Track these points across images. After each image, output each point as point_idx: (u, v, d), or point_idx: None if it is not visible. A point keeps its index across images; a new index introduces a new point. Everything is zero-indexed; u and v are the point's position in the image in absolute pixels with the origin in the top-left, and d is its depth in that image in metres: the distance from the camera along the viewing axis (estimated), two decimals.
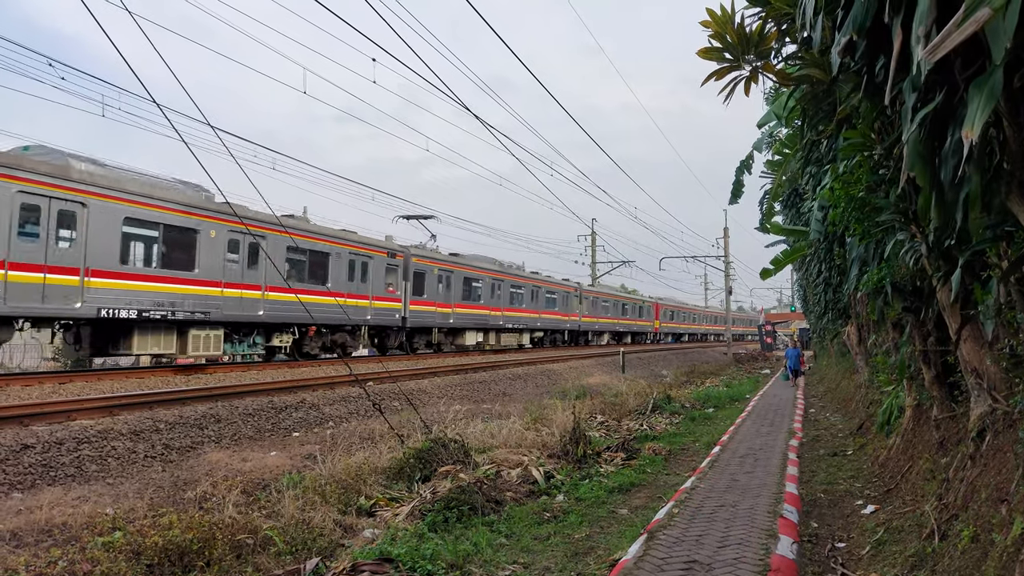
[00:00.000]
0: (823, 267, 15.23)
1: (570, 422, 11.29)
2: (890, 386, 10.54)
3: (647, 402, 17.20)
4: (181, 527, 6.27)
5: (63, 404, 11.55)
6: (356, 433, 12.60)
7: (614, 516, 7.75)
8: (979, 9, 2.40)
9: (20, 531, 6.73)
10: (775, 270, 10.45)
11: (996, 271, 4.71)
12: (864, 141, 5.86)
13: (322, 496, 7.89)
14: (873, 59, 3.99)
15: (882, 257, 7.18)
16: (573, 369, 28.73)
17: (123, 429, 10.72)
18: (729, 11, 5.90)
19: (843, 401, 18.16)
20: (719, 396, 20.98)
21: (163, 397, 13.13)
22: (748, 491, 8.15)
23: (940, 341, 7.71)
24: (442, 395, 18.21)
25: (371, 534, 7.01)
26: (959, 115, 3.02)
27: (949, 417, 7.33)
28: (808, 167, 11.07)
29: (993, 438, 5.27)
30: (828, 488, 8.92)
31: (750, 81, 6.34)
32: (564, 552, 6.42)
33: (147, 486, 8.70)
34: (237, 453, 10.80)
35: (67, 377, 15.54)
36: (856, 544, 6.49)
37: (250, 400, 13.95)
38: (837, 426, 14.51)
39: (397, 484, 8.73)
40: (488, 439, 11.50)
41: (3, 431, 9.58)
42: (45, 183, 14.62)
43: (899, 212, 5.88)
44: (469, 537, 6.63)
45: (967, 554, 4.55)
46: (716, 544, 6.04)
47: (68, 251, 15.19)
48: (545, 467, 9.68)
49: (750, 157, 17.86)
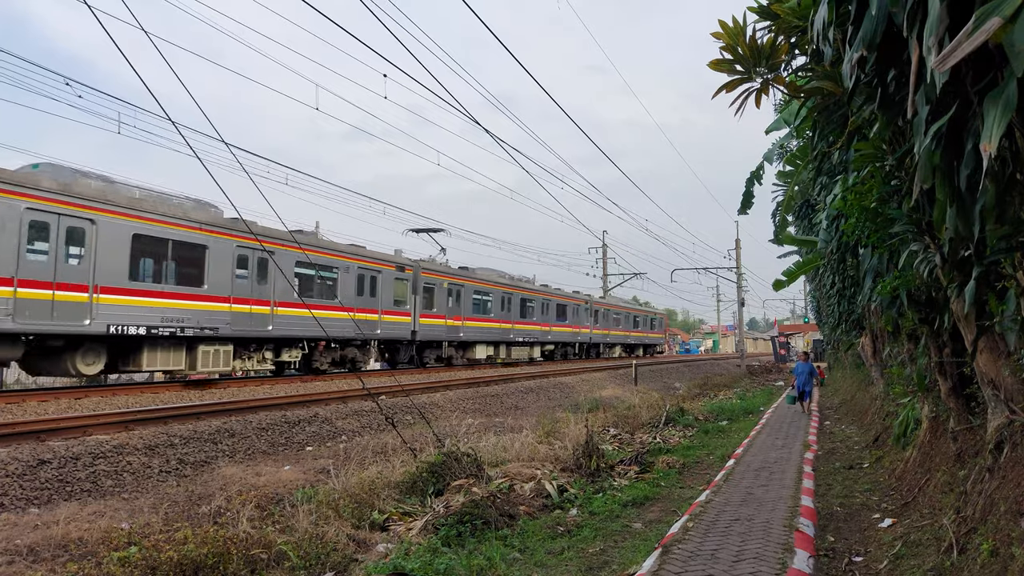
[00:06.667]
0: (836, 278, 15.17)
1: (583, 435, 11.25)
2: (906, 398, 10.45)
3: (660, 415, 17.11)
4: (196, 542, 6.29)
5: (79, 419, 11.64)
6: (369, 447, 12.61)
7: (628, 530, 7.71)
8: (990, 19, 2.41)
9: (37, 546, 6.78)
10: (788, 281, 10.43)
11: (1011, 282, 4.68)
12: (876, 152, 5.86)
13: (336, 510, 7.90)
14: (885, 72, 4.00)
15: (896, 268, 7.15)
16: (585, 382, 28.65)
17: (138, 444, 10.78)
18: (740, 24, 5.92)
19: (858, 413, 17.99)
20: (733, 408, 20.82)
21: (177, 412, 13.20)
22: (764, 504, 8.09)
23: (956, 352, 7.64)
24: (454, 409, 18.20)
25: (385, 548, 7.01)
26: (971, 127, 3.02)
27: (966, 429, 7.25)
28: (819, 178, 11.06)
29: (1011, 450, 5.21)
30: (844, 501, 8.84)
31: (760, 93, 6.36)
32: (578, 567, 6.39)
33: (162, 501, 8.74)
34: (251, 467, 10.83)
35: (83, 392, 15.67)
36: (873, 558, 6.42)
37: (263, 414, 14.00)
38: (853, 438, 14.38)
39: (410, 498, 8.72)
40: (501, 453, 11.48)
41: (20, 446, 9.67)
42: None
43: (912, 223, 5.86)
44: (483, 552, 6.60)
45: (986, 568, 4.50)
46: (732, 559, 5.99)
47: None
48: (558, 481, 9.64)
49: (760, 168, 17.82)
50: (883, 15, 3.46)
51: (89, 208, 15.47)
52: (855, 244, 8.91)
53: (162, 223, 17.19)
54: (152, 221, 16.94)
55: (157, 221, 17.06)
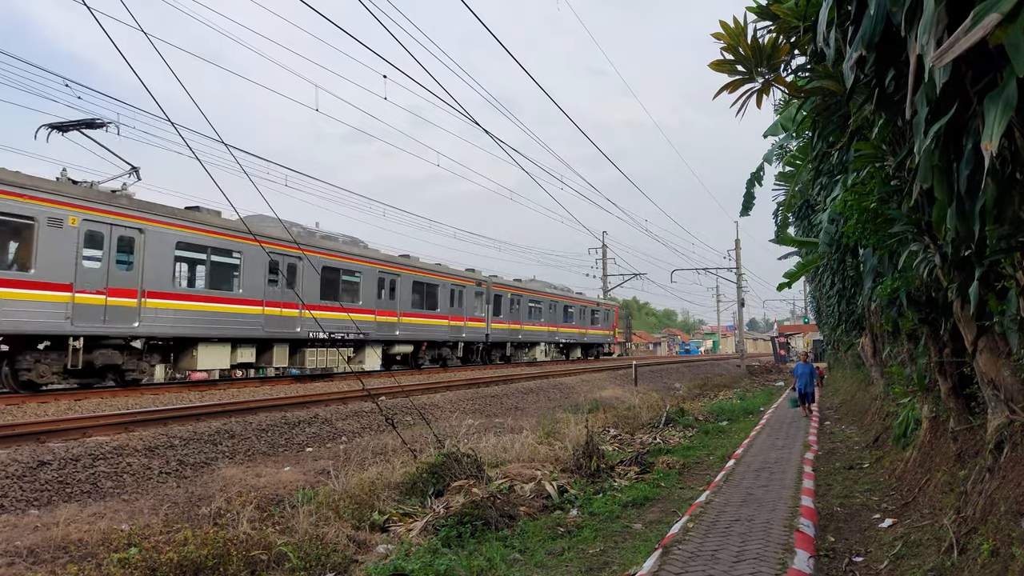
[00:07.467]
0: (836, 278, 15.18)
1: (583, 436, 11.25)
2: (906, 398, 10.45)
3: (660, 415, 17.12)
4: (196, 543, 6.29)
5: (79, 421, 11.64)
6: (369, 448, 12.60)
7: (628, 531, 7.70)
8: (988, 15, 2.40)
9: (37, 548, 6.77)
10: (790, 282, 10.39)
11: (1011, 282, 4.68)
12: (876, 152, 5.86)
13: (336, 511, 7.90)
14: (884, 71, 4.00)
15: (896, 268, 7.15)
16: (585, 382, 28.63)
17: (138, 445, 10.77)
18: (742, 24, 5.92)
19: (859, 413, 17.99)
20: (733, 409, 20.82)
21: (177, 413, 13.20)
22: (764, 505, 8.09)
23: (956, 352, 7.64)
24: (454, 409, 18.20)
25: (385, 549, 7.00)
26: (971, 127, 3.02)
27: (966, 429, 7.25)
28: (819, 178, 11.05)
29: (1011, 450, 5.21)
30: (845, 501, 8.83)
31: (761, 93, 6.35)
32: (578, 567, 6.39)
33: (162, 502, 8.73)
34: (251, 469, 10.82)
35: (83, 394, 15.66)
36: (874, 558, 6.42)
37: (264, 415, 13.99)
38: (853, 439, 14.38)
39: (410, 499, 8.72)
40: (501, 453, 11.48)
41: (20, 448, 9.66)
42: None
43: (912, 223, 5.86)
44: (483, 552, 6.60)
45: (987, 568, 4.49)
46: (732, 559, 5.99)
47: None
48: (558, 481, 9.64)
49: (760, 169, 17.83)
50: (882, 15, 3.46)
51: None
52: (855, 244, 8.90)
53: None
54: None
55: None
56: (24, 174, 14.33)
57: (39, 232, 14.37)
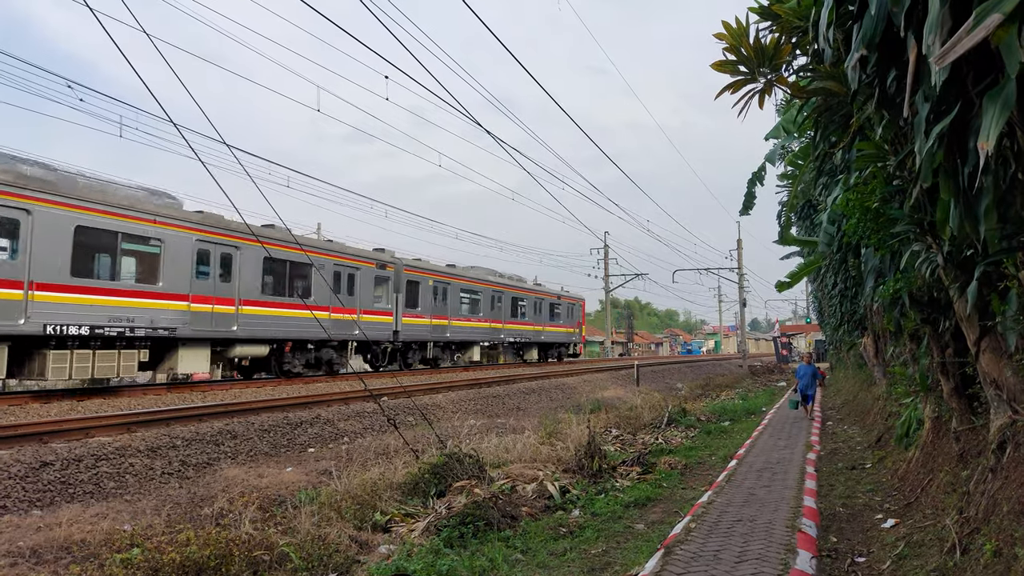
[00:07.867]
0: (838, 278, 15.18)
1: (585, 436, 11.24)
2: (908, 398, 10.44)
3: (662, 415, 17.11)
4: (198, 543, 6.29)
5: (81, 421, 11.65)
6: (371, 448, 12.61)
7: (630, 531, 7.70)
8: (989, 15, 2.41)
9: (40, 548, 6.78)
10: (792, 283, 10.41)
11: (1013, 282, 4.67)
12: (878, 152, 5.86)
13: (338, 512, 7.90)
14: (885, 71, 4.00)
15: (898, 268, 7.14)
16: (587, 383, 28.63)
17: (140, 446, 10.79)
18: (744, 25, 5.92)
19: (861, 413, 17.96)
20: (735, 409, 20.80)
21: (180, 413, 13.21)
22: (766, 505, 8.08)
23: (958, 352, 7.63)
24: (456, 410, 18.20)
25: (387, 550, 7.01)
26: (973, 127, 3.02)
27: (969, 429, 7.24)
28: (821, 178, 11.05)
29: (1014, 450, 5.21)
30: (847, 502, 8.83)
31: (763, 93, 6.36)
32: (580, 568, 6.39)
33: (164, 502, 8.75)
34: (253, 469, 10.83)
35: (85, 395, 15.69)
36: (876, 559, 6.41)
37: (266, 416, 14.01)
38: (855, 439, 14.36)
39: (412, 499, 8.73)
40: (503, 454, 11.48)
41: (23, 448, 9.68)
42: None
43: (914, 223, 5.86)
44: (485, 553, 6.61)
45: (989, 568, 4.49)
46: (734, 559, 5.99)
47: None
48: (560, 482, 9.64)
49: (762, 168, 17.85)
50: (883, 15, 3.46)
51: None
52: (857, 244, 8.90)
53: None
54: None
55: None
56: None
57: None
